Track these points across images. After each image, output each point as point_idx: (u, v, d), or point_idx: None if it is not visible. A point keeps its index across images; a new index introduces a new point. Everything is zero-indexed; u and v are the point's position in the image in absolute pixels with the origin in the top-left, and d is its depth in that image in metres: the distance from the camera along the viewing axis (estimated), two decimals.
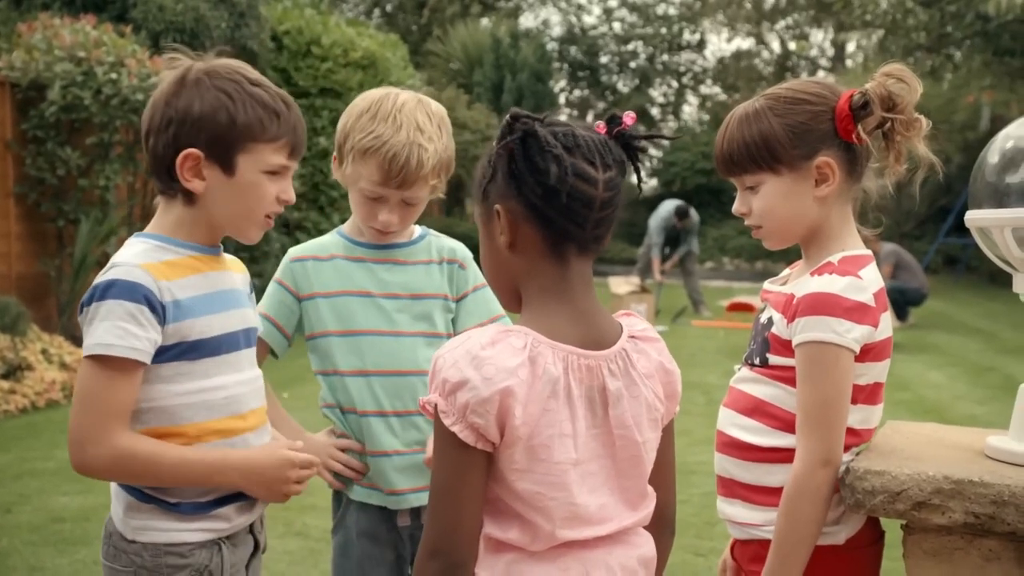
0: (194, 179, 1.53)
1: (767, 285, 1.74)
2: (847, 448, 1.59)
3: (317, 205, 9.81)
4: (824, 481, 1.53)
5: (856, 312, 1.52)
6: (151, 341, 1.47)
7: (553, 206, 1.24)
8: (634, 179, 1.33)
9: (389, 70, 11.44)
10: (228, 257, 1.71)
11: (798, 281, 1.63)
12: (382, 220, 1.88)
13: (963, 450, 1.67)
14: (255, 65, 1.66)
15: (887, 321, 1.61)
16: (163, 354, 1.50)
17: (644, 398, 1.29)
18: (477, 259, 1.63)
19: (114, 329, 1.45)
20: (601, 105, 28.34)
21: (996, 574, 1.51)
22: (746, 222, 1.69)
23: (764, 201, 1.63)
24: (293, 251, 1.99)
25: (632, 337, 1.31)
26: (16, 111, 7.60)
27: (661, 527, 1.40)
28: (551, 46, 25.82)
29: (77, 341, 6.69)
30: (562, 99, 27.32)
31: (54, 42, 7.51)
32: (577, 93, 28.73)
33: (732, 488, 1.66)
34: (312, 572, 3.46)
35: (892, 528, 1.65)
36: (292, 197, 1.62)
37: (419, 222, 2.02)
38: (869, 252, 1.63)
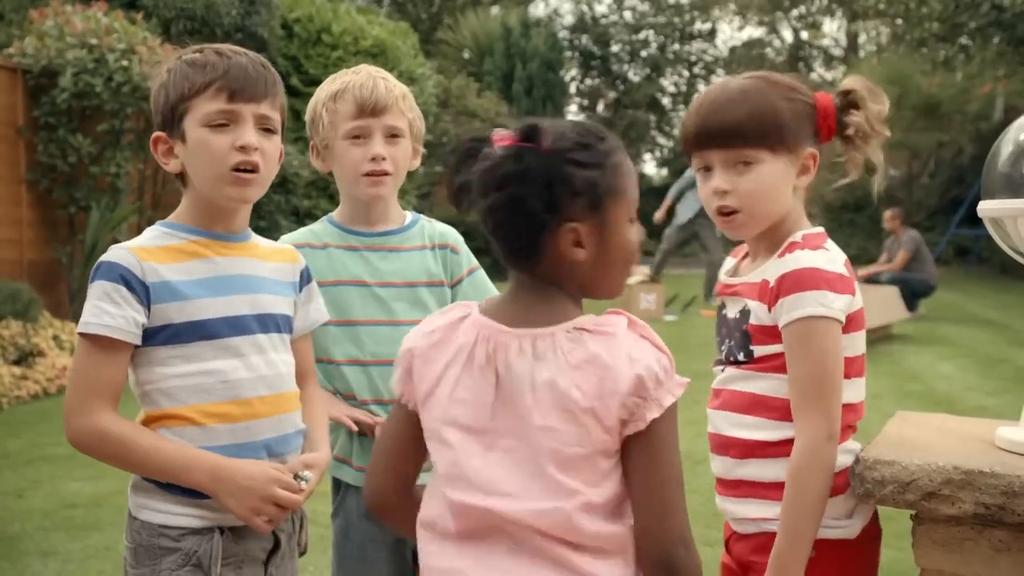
0: (170, 160, 1.58)
1: (724, 279, 1.70)
2: (851, 425, 1.59)
3: (327, 193, 9.81)
4: (831, 454, 1.51)
5: (837, 283, 1.52)
6: (128, 319, 1.49)
7: None
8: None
9: (399, 58, 11.44)
10: (269, 245, 1.71)
11: (766, 266, 1.59)
12: (373, 154, 1.91)
13: (973, 441, 1.66)
14: (265, 52, 1.67)
15: (859, 290, 1.61)
16: (154, 337, 1.52)
17: (556, 384, 1.23)
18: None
19: (92, 308, 1.49)
20: (612, 94, 28.26)
21: (1006, 565, 1.51)
22: (721, 202, 1.60)
23: (757, 181, 1.58)
24: (286, 239, 1.98)
25: (579, 328, 1.26)
26: (28, 98, 7.62)
27: (650, 565, 1.25)
28: (562, 35, 25.74)
29: None
30: (573, 88, 27.25)
31: (66, 29, 7.53)
32: (588, 82, 28.64)
33: (741, 487, 1.63)
34: (322, 558, 3.48)
35: (901, 519, 1.65)
36: (249, 141, 1.53)
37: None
38: (823, 230, 1.64)
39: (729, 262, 1.75)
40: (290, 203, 9.50)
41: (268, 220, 8.89)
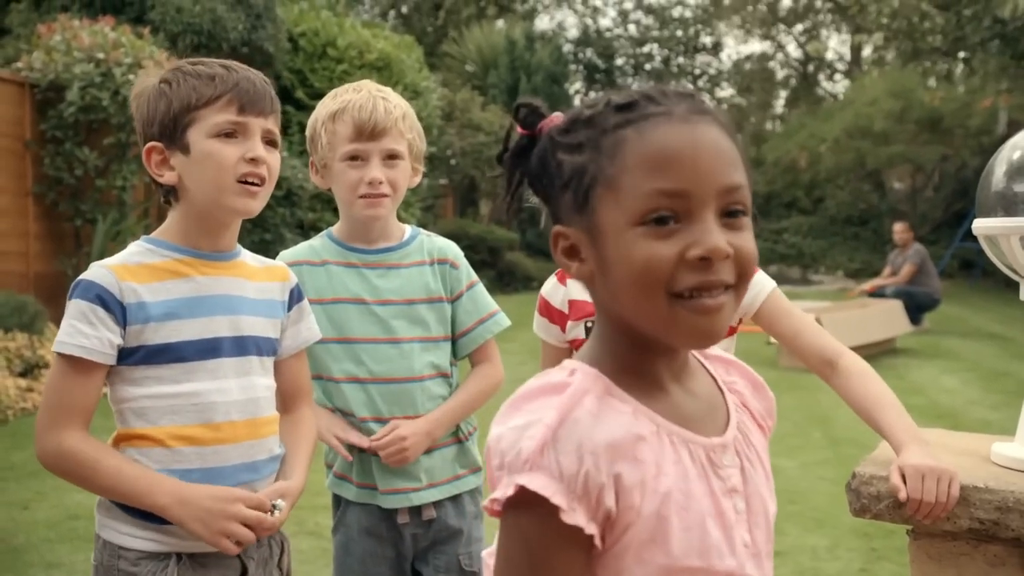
0: (165, 171, 1.54)
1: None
2: None
3: (332, 206, 9.84)
4: None
5: None
6: (103, 340, 1.46)
7: None
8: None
9: (404, 72, 11.48)
10: (258, 263, 1.66)
11: None
12: (370, 178, 1.88)
13: (970, 456, 1.67)
14: (271, 66, 1.68)
15: None
16: (129, 357, 1.49)
17: None
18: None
19: (67, 327, 1.47)
20: None
21: None
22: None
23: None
24: (285, 255, 1.96)
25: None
26: (35, 111, 7.68)
27: None
28: (566, 48, 25.83)
29: None
30: (577, 101, 27.25)
31: (73, 43, 7.58)
32: (592, 95, 28.65)
33: None
34: (324, 572, 3.48)
35: (901, 533, 1.66)
36: (260, 154, 1.53)
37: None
38: None
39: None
40: (295, 216, 9.53)
41: (273, 233, 8.92)
